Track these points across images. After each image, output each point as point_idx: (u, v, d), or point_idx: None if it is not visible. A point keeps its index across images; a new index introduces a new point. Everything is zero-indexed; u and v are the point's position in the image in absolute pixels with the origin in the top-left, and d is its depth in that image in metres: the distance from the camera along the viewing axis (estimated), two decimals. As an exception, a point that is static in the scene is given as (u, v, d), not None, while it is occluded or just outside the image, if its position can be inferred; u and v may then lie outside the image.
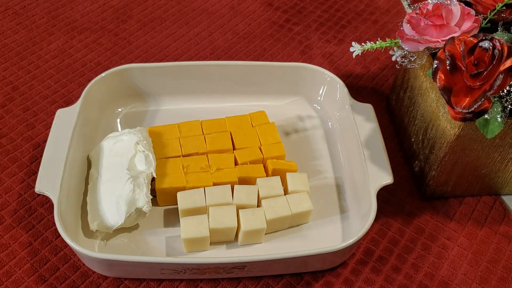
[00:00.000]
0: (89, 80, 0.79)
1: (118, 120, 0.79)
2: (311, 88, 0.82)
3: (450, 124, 0.63)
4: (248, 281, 0.64)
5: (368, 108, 0.74)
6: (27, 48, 0.92)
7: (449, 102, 0.57)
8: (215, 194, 0.66)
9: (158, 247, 0.65)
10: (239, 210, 0.65)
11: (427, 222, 0.71)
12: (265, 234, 0.66)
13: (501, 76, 0.54)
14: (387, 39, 0.67)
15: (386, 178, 0.66)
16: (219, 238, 0.65)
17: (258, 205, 0.67)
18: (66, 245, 0.66)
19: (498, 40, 0.55)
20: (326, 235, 0.67)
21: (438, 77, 0.58)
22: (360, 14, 1.02)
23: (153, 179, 0.68)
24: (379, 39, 0.68)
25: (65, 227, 0.59)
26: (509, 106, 0.57)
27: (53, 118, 0.72)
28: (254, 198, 0.66)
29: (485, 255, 0.68)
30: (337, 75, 0.80)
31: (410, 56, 0.65)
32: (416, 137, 0.74)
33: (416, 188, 0.75)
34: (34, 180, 0.66)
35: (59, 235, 0.65)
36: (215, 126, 0.75)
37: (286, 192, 0.69)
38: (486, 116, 0.57)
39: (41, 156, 0.67)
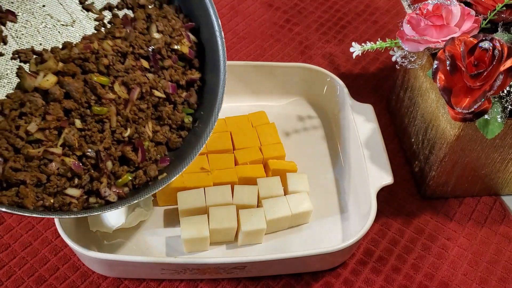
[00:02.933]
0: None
1: (118, 120, 0.79)
2: (311, 88, 0.82)
3: (450, 124, 0.63)
4: (248, 281, 0.64)
5: (368, 108, 0.74)
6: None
7: (449, 103, 0.57)
8: (215, 194, 0.66)
9: (158, 247, 0.65)
10: (239, 210, 0.65)
11: (427, 223, 0.71)
12: (265, 234, 0.66)
13: (501, 77, 0.54)
14: (387, 40, 0.67)
15: (386, 178, 0.66)
16: (219, 238, 0.65)
17: (258, 205, 0.67)
18: (66, 245, 0.66)
19: (498, 40, 0.55)
20: (326, 235, 0.67)
21: (438, 78, 0.58)
22: (360, 14, 1.02)
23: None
24: (379, 39, 0.68)
25: (65, 227, 0.59)
26: (509, 107, 0.57)
27: (53, 118, 0.72)
28: (254, 198, 0.66)
29: (485, 256, 0.68)
30: (337, 75, 0.81)
31: (410, 57, 0.65)
32: (416, 137, 0.74)
33: (416, 188, 0.75)
34: (34, 180, 0.66)
35: (59, 235, 0.65)
36: (215, 126, 0.74)
37: (286, 192, 0.69)
38: (486, 116, 0.57)
39: (41, 156, 0.67)
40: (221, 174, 0.69)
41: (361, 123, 0.72)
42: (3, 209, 0.47)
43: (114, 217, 0.63)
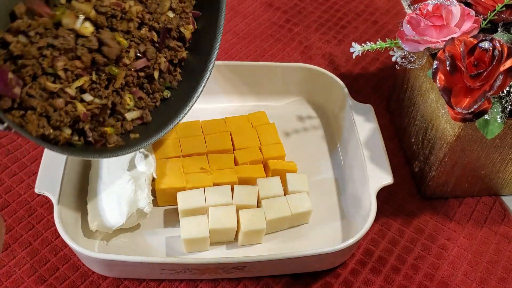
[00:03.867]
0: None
1: (118, 120, 0.79)
2: (311, 89, 0.82)
3: (450, 124, 0.63)
4: (248, 281, 0.64)
5: (368, 108, 0.74)
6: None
7: (449, 103, 0.57)
8: (215, 194, 0.66)
9: (158, 247, 0.65)
10: (239, 210, 0.65)
11: (427, 223, 0.71)
12: (265, 234, 0.66)
13: (501, 77, 0.54)
14: (387, 40, 0.67)
15: (386, 178, 0.66)
16: (219, 238, 0.65)
17: (258, 205, 0.67)
18: (66, 245, 0.66)
19: (498, 40, 0.55)
20: (326, 236, 0.67)
21: (438, 78, 0.58)
22: (360, 14, 1.02)
23: (153, 180, 0.68)
24: (379, 39, 0.68)
25: (65, 227, 0.59)
26: (509, 107, 0.57)
27: (53, 118, 0.72)
28: (254, 198, 0.66)
29: (484, 256, 0.68)
30: (337, 75, 0.81)
31: (410, 57, 0.65)
32: (416, 137, 0.74)
33: (416, 188, 0.75)
34: (34, 180, 0.66)
35: (59, 235, 0.65)
36: (215, 126, 0.75)
37: (286, 192, 0.69)
38: (486, 116, 0.57)
39: (41, 156, 0.67)
40: (221, 174, 0.69)
41: (361, 123, 0.72)
42: (6, 124, 0.48)
43: (114, 217, 0.63)
